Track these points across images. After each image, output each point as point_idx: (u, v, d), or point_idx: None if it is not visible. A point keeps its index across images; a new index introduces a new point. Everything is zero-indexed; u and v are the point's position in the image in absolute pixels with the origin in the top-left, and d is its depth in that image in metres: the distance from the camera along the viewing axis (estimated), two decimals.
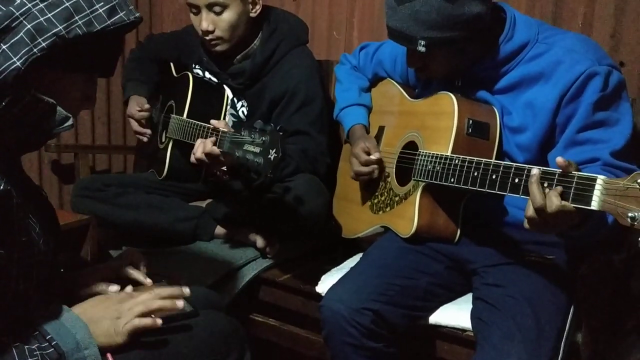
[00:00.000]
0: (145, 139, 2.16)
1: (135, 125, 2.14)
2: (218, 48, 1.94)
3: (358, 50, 1.91)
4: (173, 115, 2.04)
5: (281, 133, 1.33)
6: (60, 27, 0.91)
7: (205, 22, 1.87)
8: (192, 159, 1.61)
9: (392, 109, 1.77)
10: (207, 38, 1.91)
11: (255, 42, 1.97)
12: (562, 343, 1.40)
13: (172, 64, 2.21)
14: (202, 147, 1.57)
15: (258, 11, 1.94)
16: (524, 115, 1.45)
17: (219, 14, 1.87)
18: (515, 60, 1.45)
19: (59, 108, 0.98)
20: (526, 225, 1.20)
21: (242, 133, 1.40)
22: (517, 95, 1.47)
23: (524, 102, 1.45)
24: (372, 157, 1.66)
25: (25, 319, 1.02)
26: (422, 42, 1.39)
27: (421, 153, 1.53)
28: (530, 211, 1.17)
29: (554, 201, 1.11)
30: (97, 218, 1.93)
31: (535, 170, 1.17)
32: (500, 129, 1.48)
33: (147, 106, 2.11)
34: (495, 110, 1.49)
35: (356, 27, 2.36)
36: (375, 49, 1.85)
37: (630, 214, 1.00)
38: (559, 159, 1.14)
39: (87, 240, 1.87)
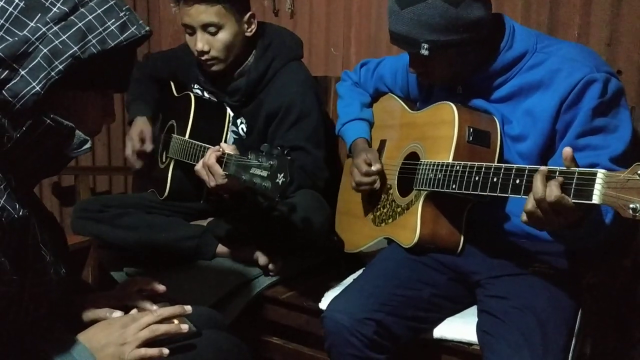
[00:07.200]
0: (135, 167, 2.15)
1: (129, 151, 2.13)
2: (214, 68, 1.95)
3: (359, 67, 1.93)
4: (174, 135, 2.04)
5: (289, 157, 1.31)
6: (76, 48, 0.92)
7: (200, 42, 1.88)
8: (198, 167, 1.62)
9: (394, 122, 1.78)
10: (203, 58, 1.92)
11: (249, 58, 1.98)
12: (570, 354, 1.39)
13: (172, 83, 2.22)
14: (203, 159, 1.58)
15: (253, 30, 1.95)
16: (524, 123, 1.46)
17: (214, 34, 1.88)
18: (515, 69, 1.47)
19: (77, 132, 0.98)
20: (524, 218, 1.20)
21: (249, 156, 1.39)
22: (517, 104, 1.48)
23: (523, 110, 1.46)
24: (373, 168, 1.66)
25: (33, 346, 1.01)
26: (425, 46, 1.39)
27: (423, 162, 1.53)
28: (530, 204, 1.17)
29: (554, 190, 1.12)
30: (98, 239, 1.92)
31: (543, 168, 1.18)
32: (501, 137, 1.48)
33: (149, 147, 2.11)
34: (496, 119, 1.50)
35: (353, 43, 2.38)
36: (376, 65, 1.87)
37: (631, 206, 1.00)
38: (567, 148, 1.14)
39: (87, 262, 1.86)
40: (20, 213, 0.92)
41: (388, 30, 1.47)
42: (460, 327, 1.51)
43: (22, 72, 0.90)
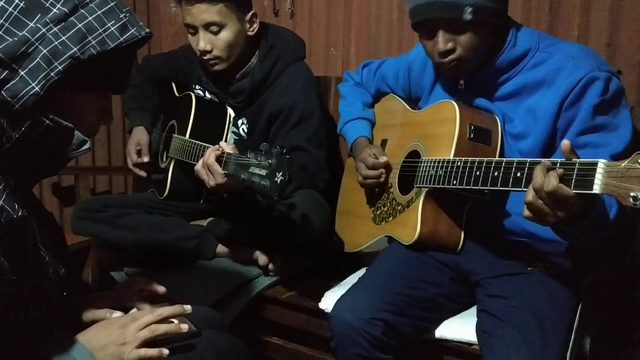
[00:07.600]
0: (141, 174, 2.20)
1: (129, 164, 2.20)
2: (216, 67, 1.95)
3: (361, 68, 1.94)
4: (175, 135, 2.04)
5: (288, 156, 1.32)
6: (75, 49, 0.92)
7: (202, 42, 1.89)
8: (197, 166, 1.64)
9: (395, 122, 1.79)
10: (205, 58, 1.92)
11: (252, 59, 1.98)
12: (569, 353, 1.39)
13: (173, 84, 2.22)
14: (203, 158, 1.59)
15: (256, 30, 1.95)
16: (526, 121, 1.46)
17: (216, 33, 1.88)
18: (517, 68, 1.48)
19: (76, 132, 0.98)
20: (525, 213, 1.20)
21: (248, 155, 1.39)
22: (518, 102, 1.48)
23: (525, 108, 1.47)
24: (380, 160, 1.66)
25: (33, 346, 1.01)
26: (470, 9, 1.37)
27: (424, 160, 1.53)
28: (529, 195, 1.17)
29: (552, 180, 1.12)
30: (98, 239, 1.92)
31: (545, 160, 1.18)
32: (501, 135, 1.49)
33: (146, 159, 2.16)
34: (497, 118, 1.51)
35: (353, 44, 2.38)
36: (378, 66, 1.88)
37: (632, 194, 1.00)
38: (565, 141, 1.14)
39: (87, 262, 1.86)
40: (20, 213, 0.92)
41: (413, 7, 1.43)
42: (460, 327, 1.51)
43: (22, 73, 0.90)
